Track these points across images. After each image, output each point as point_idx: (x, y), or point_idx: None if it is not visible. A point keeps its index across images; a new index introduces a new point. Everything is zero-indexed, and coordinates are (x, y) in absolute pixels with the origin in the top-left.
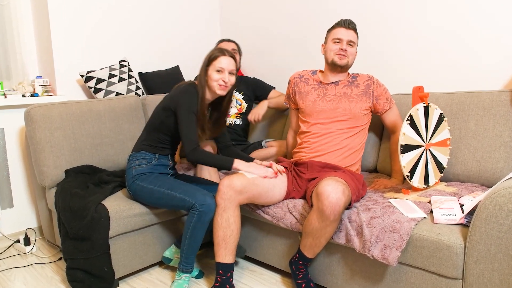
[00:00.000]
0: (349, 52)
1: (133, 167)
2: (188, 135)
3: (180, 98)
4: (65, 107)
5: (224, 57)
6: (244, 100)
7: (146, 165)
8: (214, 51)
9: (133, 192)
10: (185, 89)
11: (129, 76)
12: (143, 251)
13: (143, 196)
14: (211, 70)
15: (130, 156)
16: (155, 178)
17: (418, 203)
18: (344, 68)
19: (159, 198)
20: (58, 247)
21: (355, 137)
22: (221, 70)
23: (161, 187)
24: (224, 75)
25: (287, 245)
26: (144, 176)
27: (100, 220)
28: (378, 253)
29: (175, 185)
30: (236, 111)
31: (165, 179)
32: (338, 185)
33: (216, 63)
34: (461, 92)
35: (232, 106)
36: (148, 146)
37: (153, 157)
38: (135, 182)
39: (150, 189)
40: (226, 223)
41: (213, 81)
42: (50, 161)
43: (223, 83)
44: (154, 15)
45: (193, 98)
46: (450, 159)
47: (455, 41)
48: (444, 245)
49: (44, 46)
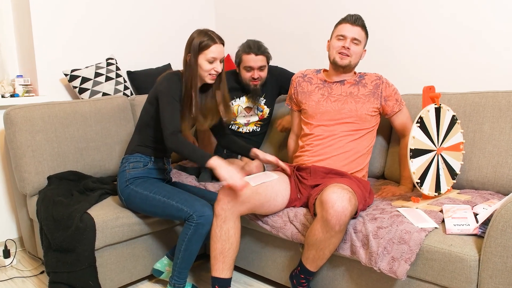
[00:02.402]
0: (353, 51)
1: (127, 170)
2: (168, 118)
3: (161, 85)
4: (47, 109)
5: (215, 45)
6: (266, 105)
7: (141, 169)
8: (203, 37)
9: (126, 197)
10: (167, 76)
11: (117, 75)
12: (132, 264)
13: (136, 202)
14: (202, 60)
15: (124, 159)
16: (151, 184)
17: (428, 212)
18: (347, 69)
19: (153, 206)
20: (40, 259)
21: (362, 139)
22: (213, 60)
23: (157, 194)
24: (216, 65)
25: (288, 257)
26: (139, 181)
27: (85, 230)
28: (385, 266)
29: (172, 192)
30: (256, 119)
31: (162, 186)
32: (344, 193)
33: (208, 52)
34: (475, 92)
35: (253, 114)
36: (142, 147)
37: (149, 160)
38: (128, 186)
39: (145, 195)
40: (226, 236)
41: (204, 71)
42: (31, 166)
43: (215, 73)
44: (143, 9)
45: (175, 85)
46: (464, 165)
47: (470, 37)
48: (457, 258)
49: (24, 43)
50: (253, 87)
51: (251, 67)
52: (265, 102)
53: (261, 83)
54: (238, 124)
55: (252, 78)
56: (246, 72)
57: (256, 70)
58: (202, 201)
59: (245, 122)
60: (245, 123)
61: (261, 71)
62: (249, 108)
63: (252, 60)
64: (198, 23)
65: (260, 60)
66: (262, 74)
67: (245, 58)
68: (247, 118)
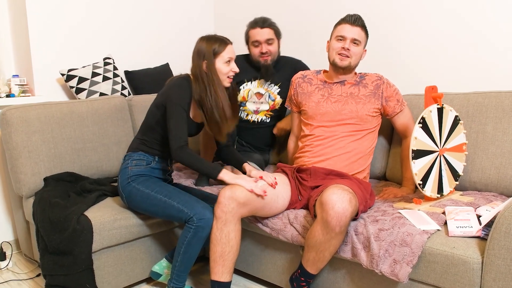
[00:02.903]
0: (353, 52)
1: (130, 167)
2: (175, 130)
3: (170, 92)
4: (44, 109)
5: (229, 46)
6: (279, 94)
7: (144, 167)
8: (214, 42)
9: (127, 194)
10: (177, 82)
11: (114, 75)
12: (130, 267)
13: (136, 200)
14: (219, 64)
15: (126, 156)
16: (153, 182)
17: (431, 214)
18: (347, 70)
19: (154, 205)
20: (36, 262)
21: (363, 140)
22: (229, 60)
23: (159, 193)
24: (233, 65)
25: (288, 260)
26: (142, 179)
27: (82, 232)
28: (387, 269)
29: (174, 193)
30: (267, 108)
31: (164, 185)
32: (345, 194)
33: (224, 54)
34: (478, 92)
35: (263, 101)
36: (146, 147)
37: (152, 159)
38: (130, 183)
39: (147, 193)
40: (226, 239)
41: (223, 74)
42: (27, 168)
43: (232, 74)
44: (142, 8)
45: (185, 93)
46: (466, 166)
47: (473, 35)
48: (460, 260)
49: (21, 42)
50: (264, 63)
51: (258, 41)
52: (279, 92)
53: (272, 59)
54: (247, 110)
55: (260, 53)
56: (254, 48)
57: (263, 44)
58: (203, 204)
59: (255, 109)
60: (254, 110)
61: (270, 44)
62: (260, 94)
63: (258, 34)
64: (197, 22)
65: (267, 33)
66: (271, 48)
67: (252, 33)
68: (257, 105)
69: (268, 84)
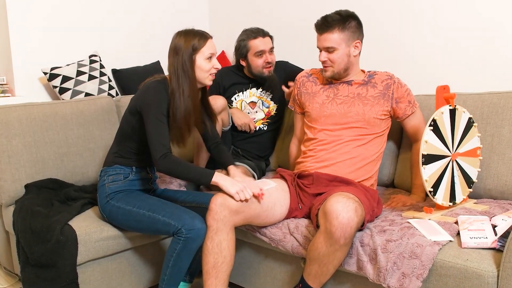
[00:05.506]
0: (331, 59)
1: (107, 184)
2: (156, 139)
3: (145, 96)
4: (25, 110)
5: (209, 40)
6: (273, 100)
7: (121, 181)
8: (192, 36)
9: (107, 214)
10: (151, 85)
11: (101, 74)
12: (117, 281)
13: (119, 218)
14: (200, 60)
15: (102, 172)
16: (134, 197)
17: (442, 224)
18: (337, 76)
19: (138, 221)
20: (17, 275)
21: (370, 144)
22: (211, 56)
23: (141, 208)
24: (214, 61)
25: (288, 272)
26: (121, 195)
27: (66, 243)
28: (395, 283)
29: (158, 205)
30: (263, 116)
31: (146, 198)
32: (350, 203)
33: (205, 50)
34: (493, 92)
35: (258, 110)
36: (122, 158)
37: (130, 171)
38: (109, 202)
39: (128, 210)
40: (218, 248)
41: (205, 71)
42: (7, 174)
43: (215, 71)
44: (130, 2)
45: (163, 96)
46: (481, 172)
47: (489, 31)
48: (474, 274)
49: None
50: (268, 74)
51: (263, 51)
52: (271, 98)
53: (273, 69)
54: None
55: (266, 63)
56: (258, 59)
57: (267, 53)
58: (192, 213)
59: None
60: None
61: (272, 53)
62: (254, 103)
63: (262, 43)
64: (190, 17)
65: (269, 41)
66: (273, 58)
67: (253, 43)
68: (252, 115)
69: (260, 91)
